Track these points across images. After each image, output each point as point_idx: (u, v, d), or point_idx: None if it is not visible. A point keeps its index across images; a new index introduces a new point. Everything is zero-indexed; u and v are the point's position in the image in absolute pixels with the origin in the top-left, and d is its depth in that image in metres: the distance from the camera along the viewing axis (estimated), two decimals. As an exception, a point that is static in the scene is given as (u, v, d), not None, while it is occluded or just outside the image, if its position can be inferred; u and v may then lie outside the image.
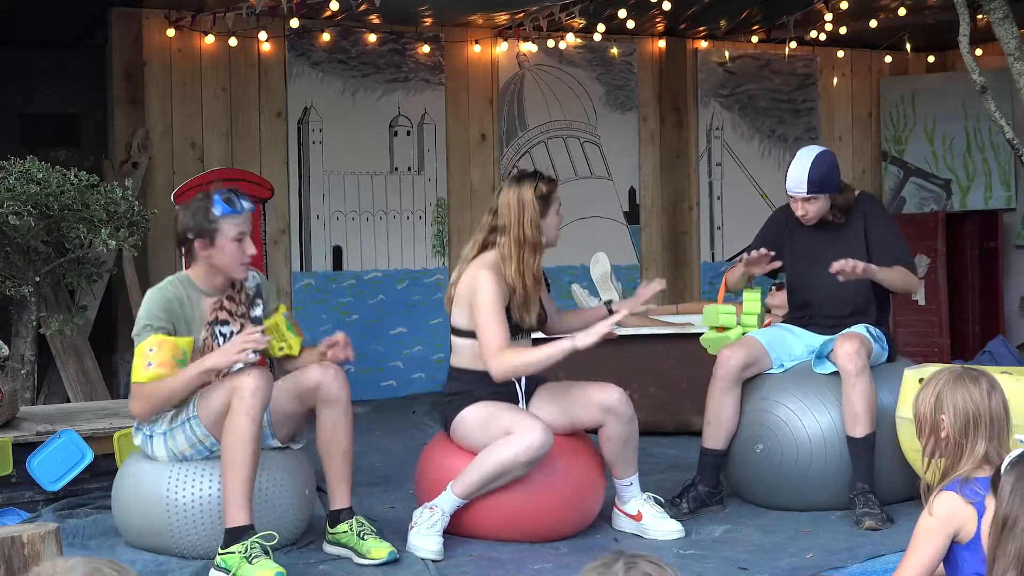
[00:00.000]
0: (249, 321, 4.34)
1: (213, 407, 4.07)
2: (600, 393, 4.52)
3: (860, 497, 4.60)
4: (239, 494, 3.95)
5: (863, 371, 4.65)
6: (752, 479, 4.92)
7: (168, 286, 4.23)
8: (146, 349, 4.09)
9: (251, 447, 3.97)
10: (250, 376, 4.00)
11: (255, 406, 3.98)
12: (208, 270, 4.26)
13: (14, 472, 4.78)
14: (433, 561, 4.21)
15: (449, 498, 4.36)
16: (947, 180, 9.44)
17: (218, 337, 4.25)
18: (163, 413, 4.20)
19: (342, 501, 4.30)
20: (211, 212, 4.19)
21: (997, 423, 2.98)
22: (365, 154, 8.15)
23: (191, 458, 4.19)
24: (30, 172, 5.88)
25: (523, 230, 4.45)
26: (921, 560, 2.90)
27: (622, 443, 4.54)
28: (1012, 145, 5.66)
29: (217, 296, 4.29)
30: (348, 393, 4.27)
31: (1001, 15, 5.47)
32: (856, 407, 4.64)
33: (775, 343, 4.99)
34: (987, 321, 9.16)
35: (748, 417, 4.89)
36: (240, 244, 4.22)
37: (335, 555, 4.27)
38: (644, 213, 8.97)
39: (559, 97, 8.72)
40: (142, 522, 4.23)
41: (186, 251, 4.29)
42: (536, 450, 4.28)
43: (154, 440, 4.22)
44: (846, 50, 9.51)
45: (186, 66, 7.65)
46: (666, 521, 4.58)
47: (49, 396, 6.61)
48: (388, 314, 8.18)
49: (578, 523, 4.56)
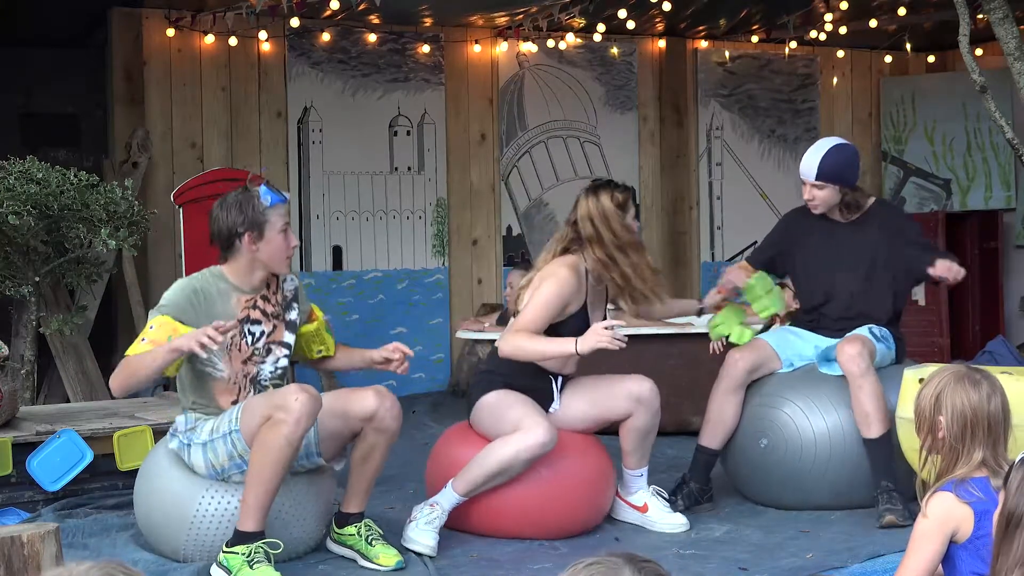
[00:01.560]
0: (283, 324, 4.23)
1: (256, 424, 3.93)
2: (632, 384, 4.57)
3: (884, 495, 4.60)
4: (258, 506, 3.90)
5: (867, 372, 4.66)
6: (753, 475, 4.93)
7: (197, 278, 4.14)
8: (148, 327, 4.02)
9: (282, 472, 3.89)
10: (299, 401, 3.85)
11: (296, 434, 3.86)
12: (249, 266, 4.14)
13: (14, 472, 4.78)
14: (429, 557, 4.22)
15: (450, 495, 4.37)
16: (947, 180, 9.44)
17: (247, 335, 4.14)
18: (206, 418, 4.12)
19: (356, 507, 4.24)
20: (260, 203, 4.09)
21: (995, 429, 2.96)
22: (365, 154, 8.15)
23: (228, 471, 4.05)
24: (30, 172, 5.88)
25: (616, 236, 4.47)
26: (921, 560, 2.89)
27: (644, 434, 4.59)
28: (1012, 145, 5.66)
29: (252, 294, 4.18)
30: (400, 424, 4.18)
31: (1001, 15, 5.47)
32: (866, 408, 4.64)
33: (784, 345, 4.99)
34: (987, 321, 9.16)
35: (753, 413, 4.90)
36: (285, 235, 4.14)
37: (338, 555, 4.25)
38: (644, 213, 8.97)
39: (559, 97, 8.72)
40: (159, 529, 4.17)
41: (227, 248, 4.13)
42: (538, 449, 4.30)
43: (192, 449, 4.10)
44: (846, 50, 9.51)
45: (186, 66, 7.65)
46: (672, 515, 4.63)
47: (49, 396, 6.61)
48: (388, 314, 8.18)
49: (590, 521, 4.59)
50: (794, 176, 9.16)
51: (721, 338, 5.04)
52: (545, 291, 4.41)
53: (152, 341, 3.97)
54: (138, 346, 4.00)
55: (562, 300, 4.43)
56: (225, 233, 4.11)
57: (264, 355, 4.19)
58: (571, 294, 4.45)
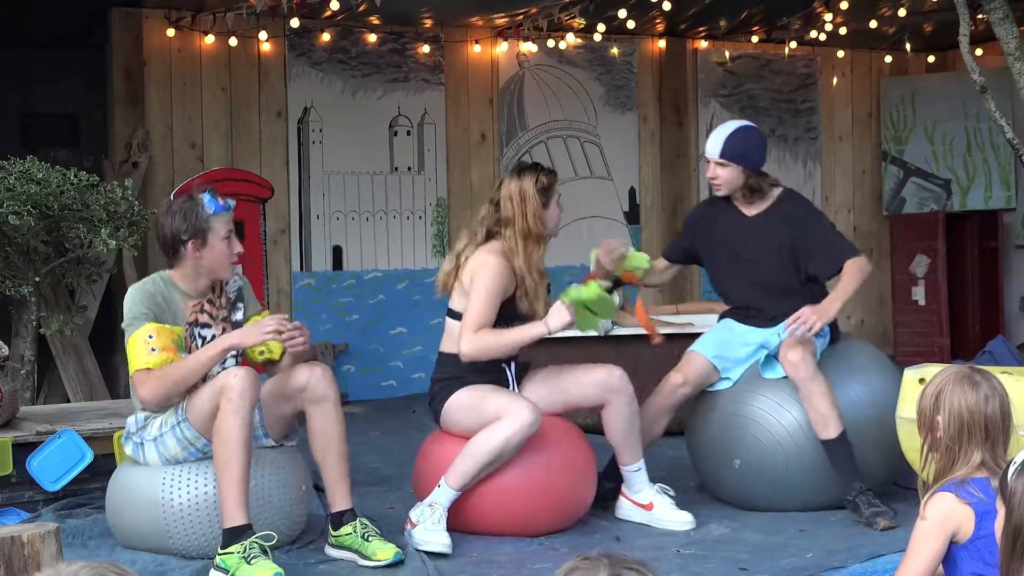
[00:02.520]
0: (230, 325, 4.31)
1: (202, 409, 4.05)
2: (601, 372, 4.57)
3: (861, 497, 4.57)
4: (235, 494, 3.94)
5: (815, 375, 4.62)
6: (738, 494, 4.91)
7: (149, 282, 4.24)
8: (145, 336, 4.08)
9: (242, 447, 3.96)
10: (236, 377, 3.98)
11: (244, 407, 3.96)
12: (194, 272, 4.24)
13: (14, 472, 4.78)
14: (444, 556, 4.21)
15: (445, 492, 4.37)
16: (947, 180, 9.44)
17: (197, 339, 4.23)
18: (155, 415, 4.18)
19: (343, 502, 4.26)
20: (203, 211, 4.18)
21: (993, 431, 2.95)
22: (365, 154, 8.15)
23: (184, 460, 4.17)
24: (30, 172, 5.88)
25: (527, 222, 4.50)
26: (922, 561, 2.89)
27: (627, 423, 4.59)
28: (1012, 145, 5.65)
29: (199, 298, 4.28)
30: (336, 391, 4.24)
31: (1001, 15, 5.47)
32: (820, 409, 4.61)
33: (721, 351, 4.92)
34: (987, 321, 9.16)
35: (722, 434, 4.87)
36: (228, 242, 4.22)
37: (338, 559, 4.23)
38: (644, 213, 8.97)
39: (559, 97, 8.72)
40: (138, 526, 4.22)
41: (171, 254, 4.25)
42: (527, 430, 4.31)
43: (145, 447, 4.20)
44: (846, 50, 9.51)
45: (186, 66, 7.65)
46: (678, 512, 4.63)
47: (49, 396, 6.61)
48: (388, 314, 8.18)
49: (574, 512, 4.59)
50: (795, 177, 9.20)
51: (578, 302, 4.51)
52: (481, 285, 4.42)
53: (164, 348, 4.08)
54: (153, 356, 4.07)
55: (502, 287, 4.45)
56: (170, 240, 4.22)
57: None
58: (507, 279, 4.47)
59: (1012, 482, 2.52)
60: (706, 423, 4.97)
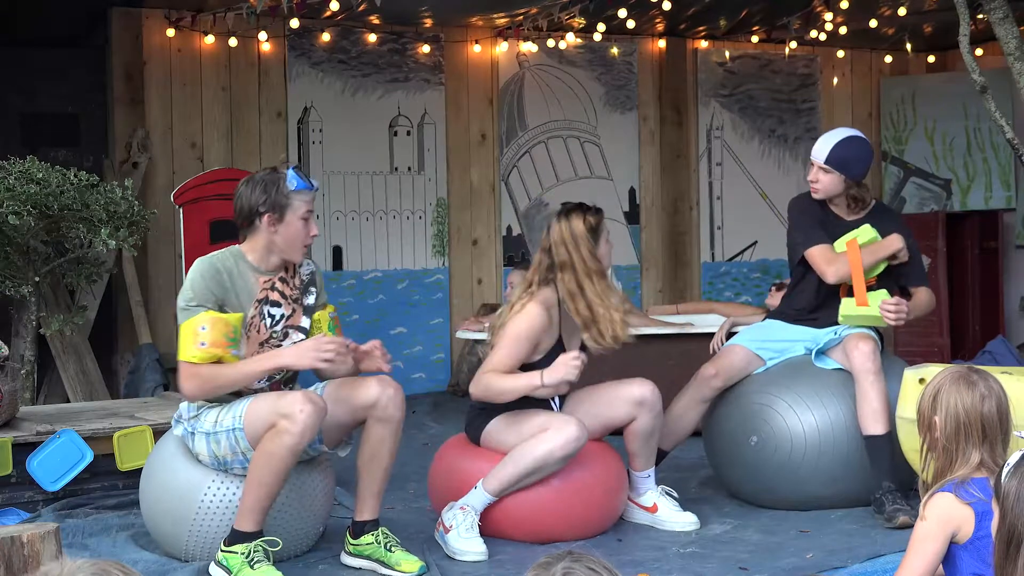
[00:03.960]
0: (301, 308, 4.20)
1: (260, 423, 3.92)
2: (633, 387, 4.56)
3: (888, 495, 4.59)
4: (257, 508, 3.89)
5: (880, 370, 4.69)
6: (745, 473, 4.93)
7: (217, 257, 4.09)
8: (197, 327, 3.94)
9: (283, 478, 3.89)
10: (304, 412, 3.83)
11: (300, 445, 3.86)
12: (266, 247, 4.11)
13: (14, 472, 4.78)
14: (478, 562, 4.17)
15: (480, 496, 4.33)
16: (947, 180, 9.44)
17: (266, 317, 4.10)
18: (209, 407, 4.09)
19: (370, 513, 4.17)
20: (284, 185, 4.07)
21: (990, 431, 2.95)
22: (365, 154, 8.15)
23: (231, 464, 4.04)
24: (30, 172, 5.88)
25: (585, 263, 4.45)
26: (922, 561, 2.89)
27: (648, 436, 4.61)
28: (1012, 145, 5.65)
29: (270, 275, 4.15)
30: (403, 413, 4.15)
31: (1001, 15, 5.47)
32: (875, 405, 4.64)
33: (763, 342, 4.99)
34: (987, 321, 9.16)
35: (742, 411, 4.92)
36: (306, 224, 4.12)
37: (355, 567, 4.15)
38: (644, 213, 8.97)
39: (559, 97, 8.72)
40: (164, 511, 4.15)
41: (247, 226, 4.12)
42: (573, 443, 4.28)
43: (196, 437, 4.08)
44: (846, 50, 9.51)
45: (186, 66, 7.65)
46: (682, 513, 4.65)
47: (49, 396, 6.62)
48: (388, 314, 8.18)
49: (605, 524, 4.58)
50: (795, 176, 9.20)
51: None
52: (512, 329, 4.38)
53: (214, 343, 3.93)
54: (200, 351, 3.93)
55: (532, 336, 4.38)
56: (246, 210, 4.10)
57: (281, 338, 4.15)
58: (541, 330, 4.40)
59: (1005, 483, 2.50)
60: (729, 399, 5.00)
